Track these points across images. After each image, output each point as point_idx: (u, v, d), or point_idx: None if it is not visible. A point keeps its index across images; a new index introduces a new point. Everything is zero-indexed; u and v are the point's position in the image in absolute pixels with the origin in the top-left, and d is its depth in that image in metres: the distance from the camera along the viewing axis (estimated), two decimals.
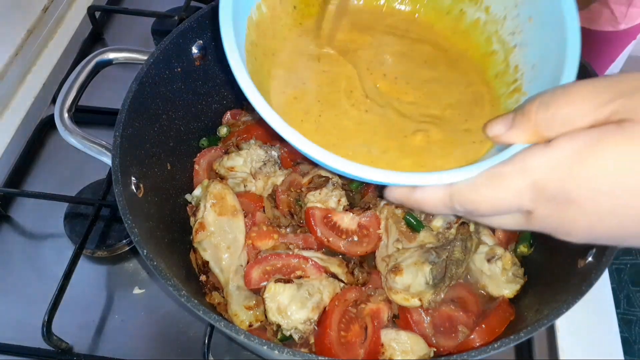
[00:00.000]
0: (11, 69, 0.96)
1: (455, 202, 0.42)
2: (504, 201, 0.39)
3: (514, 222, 0.42)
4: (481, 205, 0.40)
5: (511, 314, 0.61)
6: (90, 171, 0.85)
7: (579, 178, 0.35)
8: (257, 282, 0.64)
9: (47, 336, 0.66)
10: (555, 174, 0.36)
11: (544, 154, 0.37)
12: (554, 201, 0.37)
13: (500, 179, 0.39)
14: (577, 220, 0.38)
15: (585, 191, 0.35)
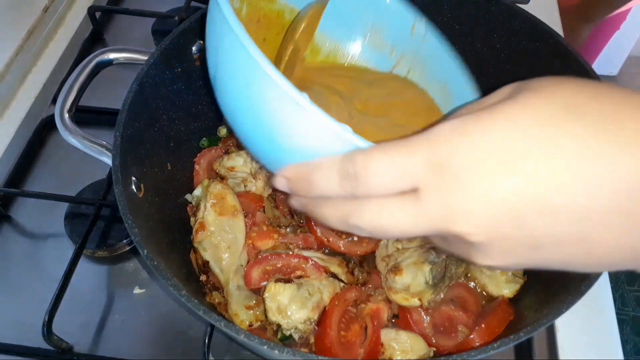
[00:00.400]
0: (11, 69, 0.96)
1: (350, 167, 0.36)
2: (401, 162, 0.35)
3: (406, 212, 0.35)
4: (373, 167, 0.35)
5: (511, 314, 0.61)
6: (91, 171, 0.85)
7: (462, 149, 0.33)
8: (257, 282, 0.64)
9: (48, 336, 0.66)
10: (448, 144, 0.33)
11: (442, 125, 0.35)
12: (442, 173, 0.33)
13: (403, 141, 0.36)
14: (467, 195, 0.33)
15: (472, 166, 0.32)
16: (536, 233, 0.33)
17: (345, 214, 0.39)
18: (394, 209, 0.36)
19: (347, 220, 0.39)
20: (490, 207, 0.32)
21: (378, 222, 0.37)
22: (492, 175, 0.32)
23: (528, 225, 0.32)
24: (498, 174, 0.32)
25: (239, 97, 0.43)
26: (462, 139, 0.33)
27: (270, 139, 0.42)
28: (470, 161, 0.32)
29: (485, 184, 0.32)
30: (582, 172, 0.30)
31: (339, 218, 0.39)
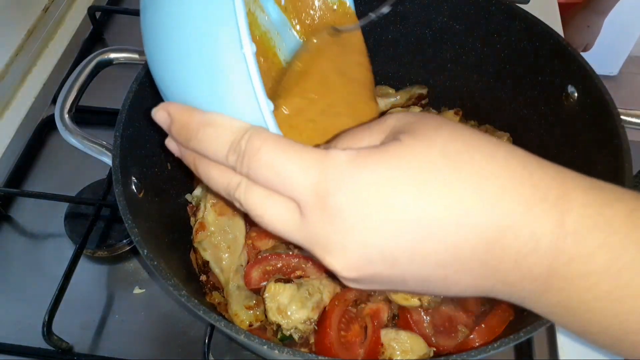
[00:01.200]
0: (11, 69, 0.96)
1: (244, 142, 0.35)
2: (293, 168, 0.34)
3: (285, 217, 0.35)
4: (263, 158, 0.34)
5: (511, 314, 0.61)
6: (91, 171, 0.85)
7: (345, 187, 0.33)
8: (257, 282, 0.64)
9: (48, 336, 0.66)
10: (335, 177, 0.33)
11: (339, 154, 0.34)
12: (325, 204, 0.33)
13: (304, 147, 0.35)
14: (346, 233, 0.33)
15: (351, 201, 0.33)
16: (405, 273, 0.34)
17: (230, 185, 0.37)
18: (276, 208, 0.35)
19: (230, 191, 0.37)
20: (365, 249, 0.33)
21: (258, 211, 0.36)
22: (372, 219, 0.32)
23: (399, 267, 0.34)
24: (378, 219, 0.32)
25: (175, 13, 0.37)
26: (352, 176, 0.33)
27: (185, 64, 0.37)
28: (354, 202, 0.33)
29: (364, 228, 0.33)
30: (451, 224, 0.32)
31: (223, 185, 0.38)
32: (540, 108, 0.73)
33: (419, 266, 0.34)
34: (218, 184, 0.38)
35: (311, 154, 0.34)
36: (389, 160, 0.33)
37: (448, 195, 0.32)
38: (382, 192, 0.32)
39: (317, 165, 0.33)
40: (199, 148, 0.38)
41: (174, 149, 0.42)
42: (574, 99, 0.66)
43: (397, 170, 0.32)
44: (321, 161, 0.34)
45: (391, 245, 0.33)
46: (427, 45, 0.81)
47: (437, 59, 0.82)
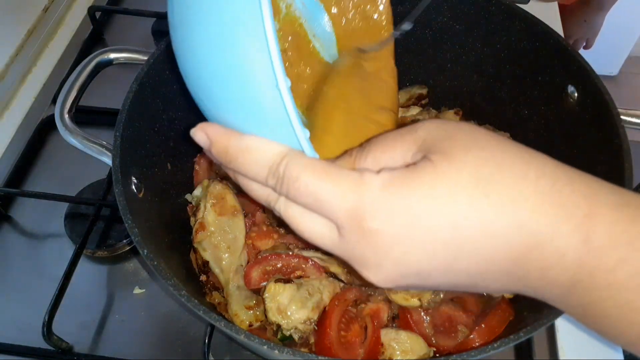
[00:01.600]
0: (11, 69, 0.96)
1: (282, 168, 0.37)
2: (330, 194, 0.36)
3: (323, 232, 0.38)
4: (302, 184, 0.36)
5: (511, 314, 0.61)
6: (91, 171, 0.85)
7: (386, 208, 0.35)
8: (257, 282, 0.64)
9: (48, 336, 0.66)
10: (377, 200, 0.35)
11: (374, 178, 0.36)
12: (362, 227, 0.36)
13: (340, 172, 0.36)
14: (385, 250, 0.36)
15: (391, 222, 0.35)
16: (438, 283, 0.38)
17: (270, 198, 0.39)
18: (315, 224, 0.38)
19: (270, 203, 0.40)
20: (400, 267, 0.36)
21: (298, 226, 0.39)
22: (406, 242, 0.35)
23: (432, 280, 0.37)
24: (412, 242, 0.35)
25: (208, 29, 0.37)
26: (386, 203, 0.35)
27: (222, 86, 0.38)
28: (388, 226, 0.35)
29: (399, 250, 0.35)
30: (482, 244, 0.34)
31: (263, 197, 0.40)
32: (540, 108, 0.73)
33: (451, 278, 0.37)
34: (259, 196, 0.40)
35: (347, 180, 0.36)
36: (421, 187, 0.35)
37: (479, 219, 0.34)
38: (416, 218, 0.34)
39: (353, 191, 0.35)
40: (239, 170, 0.39)
41: (214, 160, 0.43)
42: (574, 99, 0.66)
43: (429, 198, 0.34)
44: (357, 187, 0.35)
45: (424, 265, 0.36)
46: (427, 45, 0.81)
47: (437, 59, 0.82)
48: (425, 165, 0.35)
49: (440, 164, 0.35)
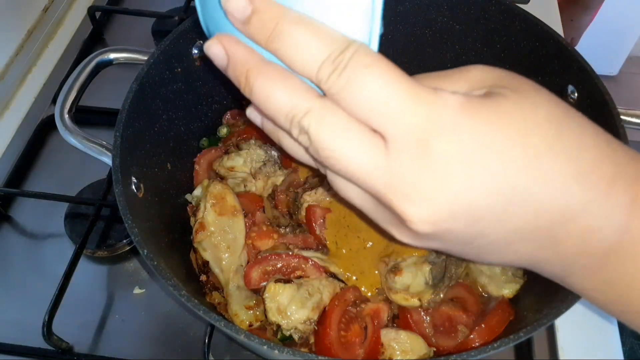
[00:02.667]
0: (11, 69, 0.96)
1: (350, 53, 0.31)
2: (401, 102, 0.30)
3: (364, 152, 0.31)
4: (377, 79, 0.31)
5: (511, 314, 0.61)
6: (91, 171, 0.85)
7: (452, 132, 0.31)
8: (257, 282, 0.64)
9: (48, 336, 0.66)
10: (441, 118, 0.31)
11: (449, 98, 0.32)
12: (426, 148, 0.31)
13: (413, 82, 0.32)
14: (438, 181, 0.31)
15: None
16: (479, 234, 0.33)
17: (298, 108, 0.32)
18: (354, 141, 0.31)
19: (296, 116, 0.32)
20: (456, 202, 0.31)
21: (331, 143, 0.32)
22: (473, 173, 0.31)
23: (478, 226, 0.33)
24: (479, 174, 0.31)
25: None
26: (463, 124, 0.31)
27: None
28: (460, 151, 0.31)
29: (464, 180, 0.31)
30: (543, 194, 0.31)
31: (287, 107, 0.32)
32: None
33: (497, 229, 0.33)
34: (280, 104, 0.32)
35: (423, 90, 0.31)
36: (499, 116, 0.31)
37: (548, 165, 0.31)
38: (491, 148, 0.30)
39: (429, 103, 0.31)
40: (283, 50, 0.32)
41: (217, 53, 0.34)
42: (574, 99, 0.66)
43: (507, 128, 0.31)
44: (432, 101, 0.31)
45: (483, 204, 0.31)
46: (427, 45, 0.80)
47: (437, 59, 0.82)
48: (501, 97, 0.32)
49: (514, 98, 0.32)
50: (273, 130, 0.37)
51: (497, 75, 0.35)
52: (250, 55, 0.33)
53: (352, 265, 0.65)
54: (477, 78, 0.35)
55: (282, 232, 0.69)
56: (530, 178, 0.31)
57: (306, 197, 0.69)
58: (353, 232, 0.67)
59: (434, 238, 0.34)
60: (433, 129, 0.30)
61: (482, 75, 0.35)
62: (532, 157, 0.31)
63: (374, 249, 0.66)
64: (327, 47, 0.31)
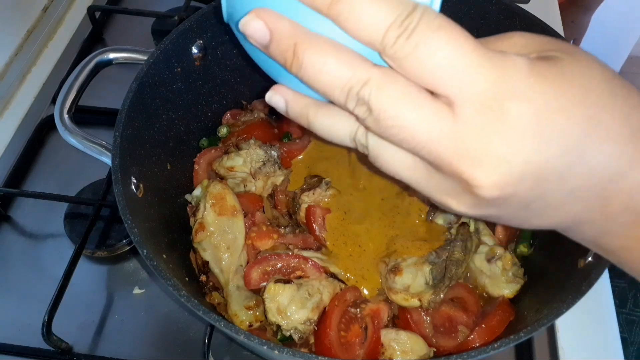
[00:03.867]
0: (11, 69, 0.96)
1: (419, 15, 0.30)
2: (474, 64, 0.30)
3: (430, 117, 0.31)
4: (448, 41, 0.30)
5: (511, 314, 0.61)
6: (90, 171, 0.85)
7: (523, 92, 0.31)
8: (257, 282, 0.64)
9: (47, 336, 0.66)
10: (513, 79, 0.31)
11: (518, 59, 0.32)
12: (499, 110, 0.30)
13: (481, 45, 0.31)
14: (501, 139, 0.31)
15: None
16: (539, 196, 0.33)
17: (356, 77, 0.31)
18: (420, 106, 0.31)
19: (355, 87, 0.31)
20: (527, 165, 0.31)
21: (394, 110, 0.31)
22: (545, 135, 0.31)
23: (541, 188, 0.33)
24: (550, 136, 0.31)
25: None
26: (534, 86, 0.31)
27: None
28: (533, 113, 0.30)
29: (536, 142, 0.31)
30: (600, 151, 0.32)
31: (345, 76, 0.31)
32: None
33: (557, 190, 0.33)
34: (336, 76, 0.31)
35: (492, 53, 0.31)
36: (563, 78, 0.31)
37: (605, 125, 0.32)
38: (559, 110, 0.31)
39: (499, 66, 0.30)
40: (346, 15, 0.30)
41: (258, 28, 0.32)
42: None
43: (571, 90, 0.31)
44: (502, 63, 0.30)
45: (550, 165, 0.32)
46: None
47: None
48: (560, 60, 0.32)
49: (573, 61, 0.32)
50: (300, 114, 0.36)
51: (540, 40, 0.35)
52: (297, 28, 0.32)
53: (352, 265, 0.65)
54: (522, 43, 0.35)
55: (282, 232, 0.69)
56: (593, 138, 0.32)
57: (304, 197, 0.69)
58: (353, 233, 0.67)
59: (495, 204, 0.33)
60: (506, 91, 0.30)
61: (525, 41, 0.35)
62: (593, 117, 0.32)
63: (374, 249, 0.66)
64: (393, 10, 0.30)
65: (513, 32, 0.36)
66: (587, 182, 0.33)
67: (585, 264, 0.55)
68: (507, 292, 0.64)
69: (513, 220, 0.37)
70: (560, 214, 0.35)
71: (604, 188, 0.33)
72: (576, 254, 0.56)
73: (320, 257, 0.66)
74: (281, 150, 0.75)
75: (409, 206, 0.68)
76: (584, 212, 0.35)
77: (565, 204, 0.34)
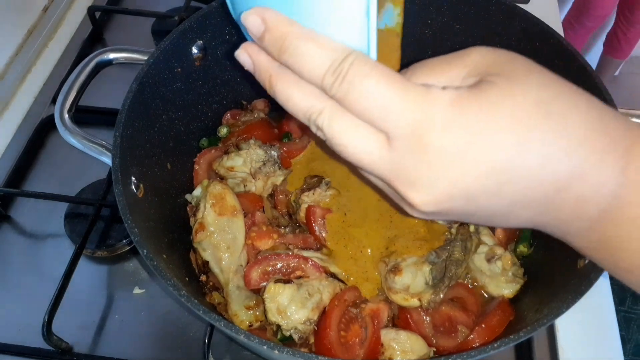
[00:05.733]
0: (11, 69, 0.96)
1: (348, 64, 0.34)
2: (397, 102, 0.34)
3: (371, 146, 0.36)
4: (374, 85, 0.34)
5: (511, 314, 0.61)
6: (91, 171, 0.85)
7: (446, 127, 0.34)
8: (257, 282, 0.64)
9: (47, 336, 0.66)
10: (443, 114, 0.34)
11: (441, 93, 0.35)
12: (422, 142, 0.34)
13: (407, 82, 0.35)
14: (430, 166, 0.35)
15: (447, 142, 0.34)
16: (478, 209, 0.37)
17: (313, 109, 0.37)
18: (362, 137, 0.36)
19: (312, 116, 0.37)
20: (453, 187, 0.35)
21: (342, 140, 0.36)
22: (467, 161, 0.34)
23: (475, 204, 0.37)
24: (472, 162, 0.34)
25: None
26: (454, 119, 0.34)
27: None
28: (453, 143, 0.34)
29: (458, 168, 0.35)
30: (534, 170, 0.35)
31: (303, 108, 0.37)
32: None
33: (493, 204, 0.36)
34: (298, 106, 0.37)
35: (415, 91, 0.35)
36: (488, 107, 0.34)
37: (537, 145, 0.34)
38: (481, 138, 0.34)
39: (420, 103, 0.34)
40: (292, 62, 0.36)
41: (245, 61, 0.40)
42: None
43: (496, 118, 0.34)
44: (424, 100, 0.34)
45: (477, 186, 0.35)
46: (427, 46, 0.80)
47: None
48: (491, 86, 0.35)
49: (504, 86, 0.35)
50: (263, 76, 0.40)
51: (494, 59, 0.38)
52: (271, 63, 0.38)
53: (352, 266, 0.65)
54: (476, 62, 0.38)
55: (282, 232, 0.69)
56: (521, 159, 0.34)
57: (304, 197, 0.69)
58: (353, 235, 0.67)
59: (438, 214, 0.38)
60: (426, 125, 0.34)
61: (480, 59, 0.38)
62: (521, 140, 0.34)
63: (374, 250, 0.66)
64: (329, 58, 0.35)
65: (474, 49, 0.40)
66: (527, 196, 0.36)
67: (584, 264, 0.55)
68: (507, 292, 0.64)
69: (472, 222, 0.42)
70: (512, 219, 0.38)
71: (550, 198, 0.36)
72: (576, 254, 0.56)
73: (320, 257, 0.66)
74: (281, 150, 0.75)
75: None
76: (537, 217, 0.38)
77: (512, 212, 0.37)
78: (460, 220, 0.42)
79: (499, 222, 0.39)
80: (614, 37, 2.44)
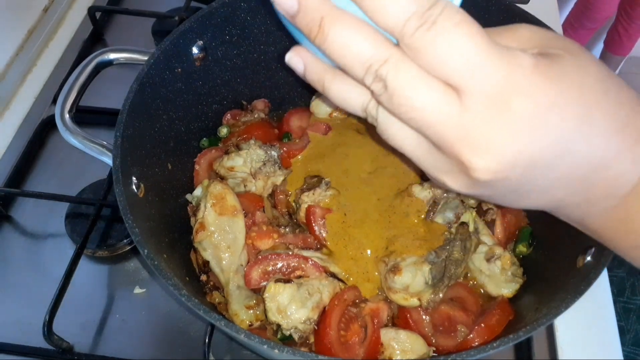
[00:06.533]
0: (12, 69, 0.96)
1: (440, 8, 0.32)
2: (484, 59, 0.32)
3: (439, 101, 0.33)
4: (465, 36, 0.32)
5: (510, 314, 0.62)
6: (91, 171, 0.85)
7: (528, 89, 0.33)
8: (257, 282, 0.64)
9: (48, 336, 0.66)
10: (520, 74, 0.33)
11: (524, 57, 0.34)
12: (501, 104, 0.33)
13: (493, 41, 0.34)
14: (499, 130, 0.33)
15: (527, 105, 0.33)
16: (527, 182, 0.36)
17: (377, 56, 0.33)
18: (432, 90, 0.33)
19: (375, 65, 0.33)
20: (520, 153, 0.34)
21: (410, 91, 0.33)
22: (541, 128, 0.34)
23: (530, 175, 0.36)
24: (545, 129, 0.34)
25: None
26: (538, 85, 0.33)
27: None
28: (533, 109, 0.33)
29: (532, 134, 0.33)
30: (585, 147, 0.35)
31: (366, 54, 0.33)
32: None
33: (543, 177, 0.36)
34: (358, 52, 0.33)
35: (502, 50, 0.33)
36: (562, 76, 0.34)
37: (598, 121, 0.35)
38: (555, 107, 0.34)
39: (506, 63, 0.33)
40: (370, 3, 0.32)
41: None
42: None
43: (568, 88, 0.34)
44: (510, 60, 0.33)
45: (539, 156, 0.35)
46: None
47: None
48: (561, 58, 0.35)
49: (573, 59, 0.35)
50: (317, 79, 0.38)
51: (544, 36, 0.38)
52: (324, 2, 0.33)
53: (353, 266, 0.66)
54: (526, 37, 0.38)
55: (282, 232, 0.69)
56: (582, 133, 0.35)
57: (304, 197, 0.69)
58: (353, 236, 0.67)
59: (487, 186, 0.37)
60: (511, 87, 0.33)
61: (530, 34, 0.38)
62: (585, 115, 0.34)
63: (374, 250, 0.66)
64: (416, 2, 0.32)
65: (519, 25, 0.39)
66: (572, 172, 0.36)
67: (584, 263, 0.55)
68: (506, 291, 0.64)
69: (503, 200, 0.40)
70: (546, 197, 0.39)
71: (587, 177, 0.37)
72: (575, 253, 0.56)
73: (320, 257, 0.66)
74: (281, 150, 0.75)
75: (407, 207, 0.68)
76: (568, 196, 0.38)
77: (551, 189, 0.38)
78: (495, 197, 0.39)
79: (531, 200, 0.39)
80: (615, 33, 2.43)
